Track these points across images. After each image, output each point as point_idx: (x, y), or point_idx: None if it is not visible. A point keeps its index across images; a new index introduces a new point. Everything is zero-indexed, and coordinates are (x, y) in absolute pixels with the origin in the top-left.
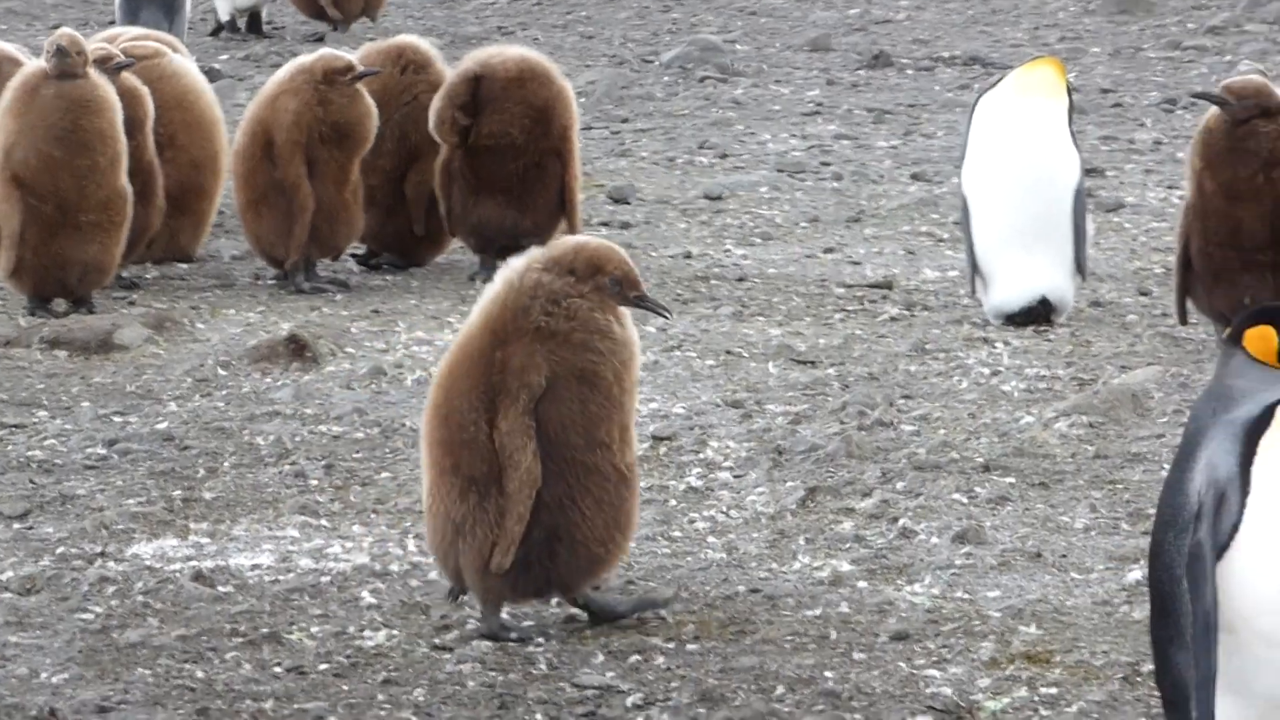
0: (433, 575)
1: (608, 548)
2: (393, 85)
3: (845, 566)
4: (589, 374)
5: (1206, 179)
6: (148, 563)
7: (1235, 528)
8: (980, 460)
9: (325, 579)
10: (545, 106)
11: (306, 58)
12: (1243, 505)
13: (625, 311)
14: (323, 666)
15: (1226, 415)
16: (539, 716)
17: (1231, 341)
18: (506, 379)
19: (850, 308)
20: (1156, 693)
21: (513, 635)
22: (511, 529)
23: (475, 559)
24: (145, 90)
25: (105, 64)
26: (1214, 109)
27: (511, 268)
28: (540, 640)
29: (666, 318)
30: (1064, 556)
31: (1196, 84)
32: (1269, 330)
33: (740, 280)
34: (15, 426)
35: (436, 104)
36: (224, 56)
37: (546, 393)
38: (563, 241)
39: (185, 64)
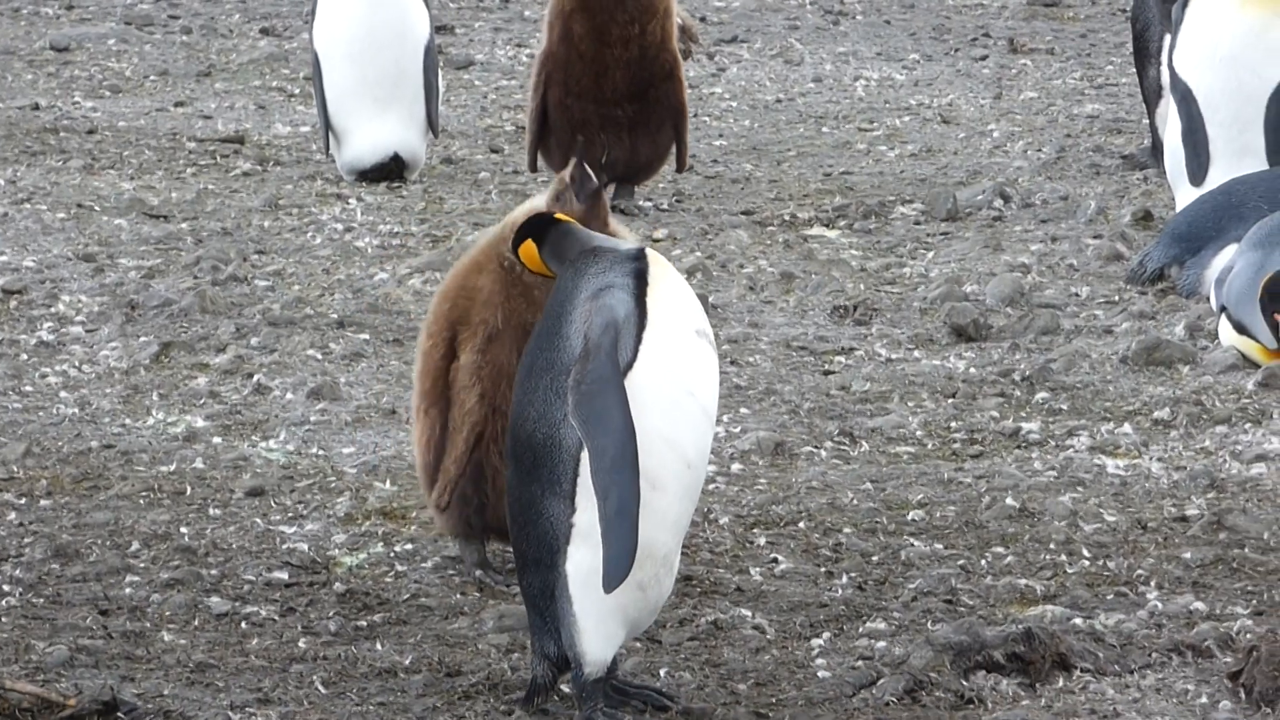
0: None
1: None
2: None
3: (200, 422)
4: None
5: (577, 21)
6: None
7: (630, 365)
8: (335, 316)
9: None
10: None
11: None
12: (638, 340)
13: None
14: None
15: (607, 254)
16: None
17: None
18: (472, 310)
19: (203, 162)
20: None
21: (474, 574)
22: (448, 466)
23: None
24: None
25: None
26: None
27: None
28: None
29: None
30: None
31: None
32: (530, 245)
33: (90, 133)
34: None
35: None
36: None
37: (495, 335)
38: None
39: None
